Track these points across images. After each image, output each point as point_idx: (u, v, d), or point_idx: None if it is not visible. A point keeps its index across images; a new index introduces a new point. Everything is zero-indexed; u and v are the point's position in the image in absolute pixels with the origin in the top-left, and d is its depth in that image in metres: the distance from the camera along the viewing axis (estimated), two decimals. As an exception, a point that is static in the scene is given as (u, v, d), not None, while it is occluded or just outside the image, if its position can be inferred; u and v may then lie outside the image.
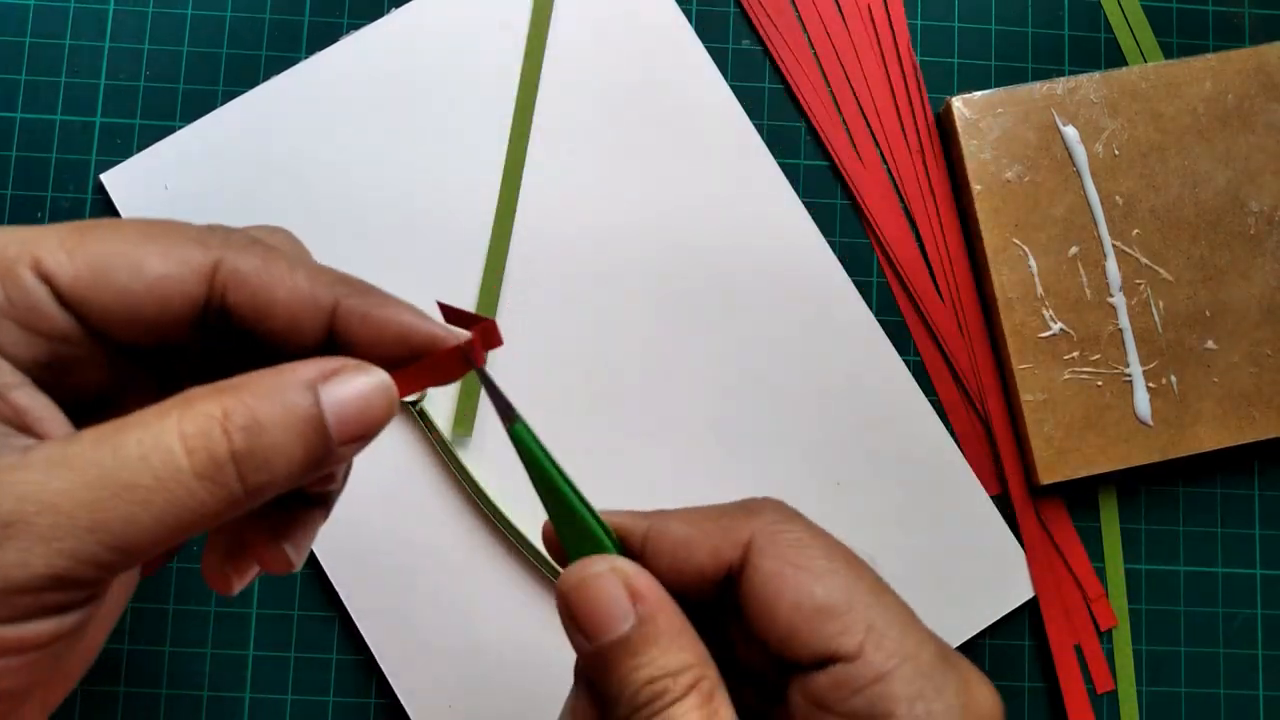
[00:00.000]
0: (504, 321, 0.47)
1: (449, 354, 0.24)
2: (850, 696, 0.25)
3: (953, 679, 0.26)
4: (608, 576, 0.26)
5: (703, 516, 0.28)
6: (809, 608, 0.25)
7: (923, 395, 0.47)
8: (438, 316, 0.26)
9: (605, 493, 0.46)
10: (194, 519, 0.21)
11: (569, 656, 0.27)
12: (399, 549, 0.45)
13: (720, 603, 0.28)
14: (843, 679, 0.25)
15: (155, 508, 0.20)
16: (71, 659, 0.26)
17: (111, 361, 0.24)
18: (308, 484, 0.26)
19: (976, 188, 0.47)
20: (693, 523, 0.28)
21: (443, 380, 0.25)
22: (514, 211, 0.47)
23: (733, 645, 0.29)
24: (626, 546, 0.28)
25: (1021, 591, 0.47)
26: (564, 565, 0.27)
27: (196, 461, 0.20)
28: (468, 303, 0.47)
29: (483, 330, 0.25)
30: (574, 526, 0.27)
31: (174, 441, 0.20)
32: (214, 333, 0.24)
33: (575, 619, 0.26)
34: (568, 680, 0.29)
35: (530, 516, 0.45)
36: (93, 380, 0.24)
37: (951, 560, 0.46)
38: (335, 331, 0.24)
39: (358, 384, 0.23)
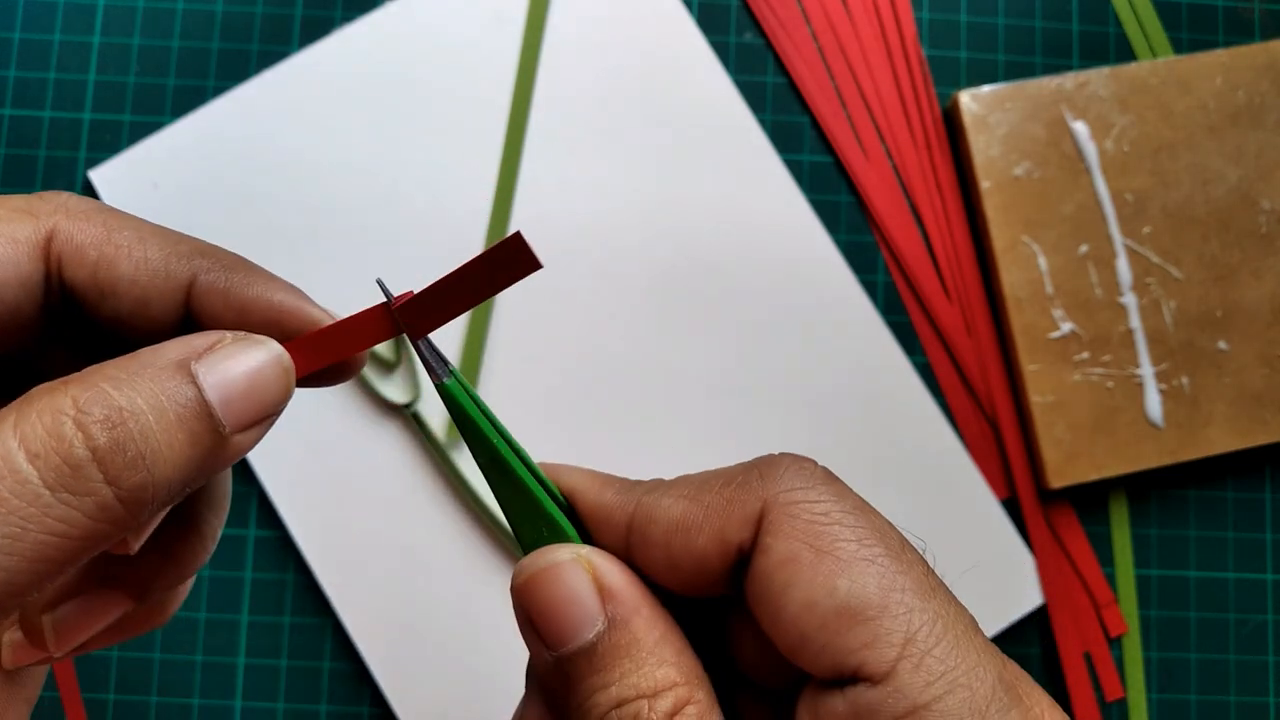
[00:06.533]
0: (501, 319, 0.46)
1: (369, 315, 0.21)
2: None
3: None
4: (570, 569, 0.21)
5: (705, 487, 0.22)
6: (828, 607, 0.19)
7: (930, 397, 0.47)
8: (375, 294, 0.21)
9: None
10: (61, 544, 0.17)
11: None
12: (392, 555, 0.44)
13: (735, 600, 0.22)
14: (864, 707, 0.19)
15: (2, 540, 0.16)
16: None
17: None
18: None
19: (985, 184, 0.46)
20: (692, 497, 0.21)
21: (358, 348, 0.21)
22: (510, 206, 0.46)
23: (747, 652, 0.23)
24: (606, 532, 0.23)
25: (1030, 598, 0.46)
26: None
27: (46, 468, 0.16)
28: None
29: (412, 301, 0.21)
30: (526, 506, 0.22)
31: (11, 447, 0.16)
32: (62, 326, 0.21)
33: (531, 621, 0.21)
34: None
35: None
36: None
37: (959, 566, 0.45)
38: (193, 313, 0.21)
39: (246, 358, 0.19)
